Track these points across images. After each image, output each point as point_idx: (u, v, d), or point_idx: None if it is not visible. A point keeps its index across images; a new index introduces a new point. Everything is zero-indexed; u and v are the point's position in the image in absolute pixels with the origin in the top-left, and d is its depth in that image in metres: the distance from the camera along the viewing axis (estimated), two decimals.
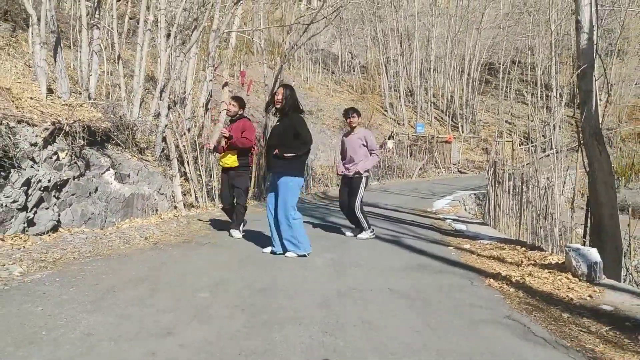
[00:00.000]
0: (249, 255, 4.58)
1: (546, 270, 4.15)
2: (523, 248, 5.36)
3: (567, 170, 12.23)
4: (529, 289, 3.69)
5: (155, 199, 7.63)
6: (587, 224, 5.95)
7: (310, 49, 28.70)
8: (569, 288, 3.70)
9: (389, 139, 23.27)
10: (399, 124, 27.64)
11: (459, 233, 6.59)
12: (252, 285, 3.55)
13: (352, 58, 33.15)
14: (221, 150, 5.59)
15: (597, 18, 5.43)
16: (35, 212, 5.41)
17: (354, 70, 32.47)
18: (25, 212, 5.21)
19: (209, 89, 10.49)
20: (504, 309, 3.20)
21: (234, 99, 5.60)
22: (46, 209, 5.57)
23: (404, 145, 23.29)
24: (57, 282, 3.33)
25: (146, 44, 9.61)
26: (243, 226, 5.64)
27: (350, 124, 5.85)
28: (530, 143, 25.76)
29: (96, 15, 8.74)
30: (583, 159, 5.58)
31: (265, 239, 5.18)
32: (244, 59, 23.35)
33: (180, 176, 8.14)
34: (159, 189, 7.77)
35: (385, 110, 28.81)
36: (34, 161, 5.46)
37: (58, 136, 5.94)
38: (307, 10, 27.99)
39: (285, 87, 4.57)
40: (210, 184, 8.55)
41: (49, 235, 5.19)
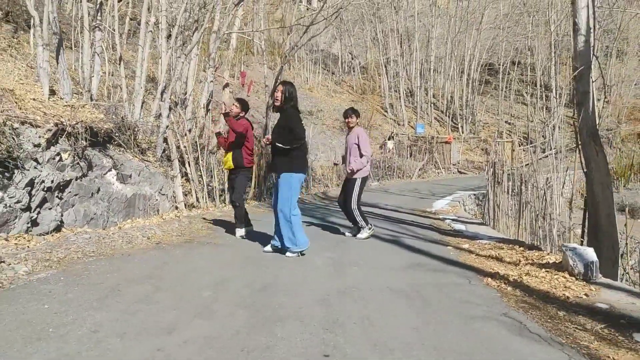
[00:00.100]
0: (250, 255, 4.64)
1: (543, 270, 4.20)
2: (521, 248, 5.41)
3: (567, 171, 12.28)
4: (526, 287, 3.75)
5: (156, 200, 7.68)
6: (585, 224, 6.00)
7: (310, 50, 28.75)
8: (566, 287, 3.76)
9: (389, 139, 23.33)
10: (399, 125, 27.70)
11: (458, 233, 6.65)
12: (253, 284, 3.61)
13: (352, 59, 33.20)
14: (222, 142, 5.69)
15: (595, 20, 5.48)
16: (39, 213, 5.47)
17: (354, 71, 32.52)
18: (28, 212, 5.27)
19: (209, 89, 10.56)
20: (501, 307, 3.26)
21: (238, 101, 5.61)
22: (49, 209, 5.63)
23: (404, 146, 23.35)
24: (62, 281, 3.39)
25: (147, 45, 9.68)
26: (246, 229, 5.56)
27: (347, 124, 5.92)
28: (530, 144, 25.79)
29: (98, 17, 8.80)
30: (581, 160, 5.64)
31: (266, 239, 5.24)
32: (244, 59, 23.40)
33: (182, 177, 8.20)
34: (161, 190, 7.83)
35: (385, 111, 28.87)
36: (38, 162, 5.52)
37: (61, 137, 6.00)
38: (307, 11, 28.09)
39: (285, 84, 4.54)
40: (211, 184, 8.61)
41: (52, 235, 5.25)
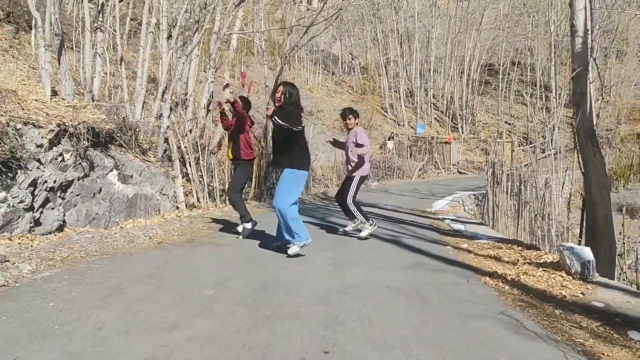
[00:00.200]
0: (251, 255, 4.68)
1: (541, 269, 4.25)
2: (519, 247, 5.45)
3: (566, 171, 12.31)
4: (524, 286, 3.80)
5: (157, 200, 7.73)
6: (583, 224, 6.05)
7: (310, 50, 28.81)
8: (563, 286, 3.81)
9: (389, 139, 23.39)
10: (399, 125, 27.76)
11: (458, 233, 6.70)
12: (254, 282, 3.65)
13: (352, 59, 33.26)
14: (225, 124, 5.85)
15: (592, 22, 5.53)
16: (42, 212, 5.52)
17: (354, 71, 32.58)
18: (31, 212, 5.32)
19: (210, 90, 10.60)
20: (498, 305, 3.31)
21: (240, 99, 5.66)
22: (52, 209, 5.68)
23: (403, 146, 23.41)
24: (66, 280, 3.44)
25: (148, 46, 9.73)
26: (246, 225, 5.51)
27: (347, 126, 5.97)
28: (530, 144, 25.86)
29: (99, 18, 8.85)
30: (579, 161, 5.68)
31: (266, 239, 5.28)
32: (244, 60, 23.45)
33: (182, 177, 8.25)
34: (162, 190, 7.88)
35: (385, 111, 28.92)
36: (40, 162, 5.57)
37: (63, 137, 6.04)
38: (308, 11, 28.13)
39: (285, 85, 4.47)
40: (212, 184, 8.66)
41: (55, 235, 5.31)
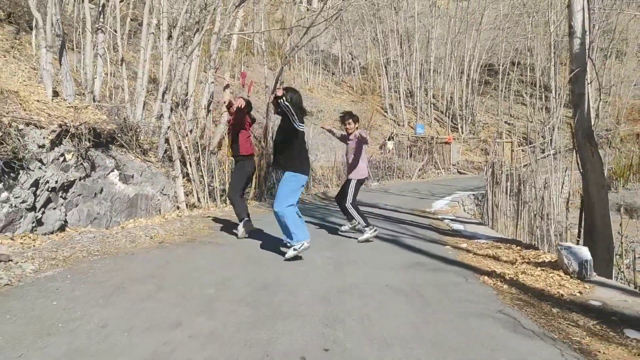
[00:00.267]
0: (251, 254, 4.72)
1: (539, 268, 4.29)
2: (518, 247, 5.48)
3: (566, 171, 12.35)
4: (522, 285, 3.83)
5: (158, 200, 7.77)
6: (581, 224, 6.08)
7: (310, 50, 28.85)
8: (560, 285, 3.84)
9: (389, 139, 23.43)
10: (398, 125, 27.79)
11: (457, 233, 6.73)
12: (255, 282, 3.69)
13: (352, 59, 33.30)
14: (232, 112, 6.01)
15: (590, 23, 5.57)
16: (43, 212, 5.55)
17: (354, 71, 32.62)
18: (33, 212, 5.36)
19: (210, 90, 10.64)
20: (496, 304, 3.34)
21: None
22: (54, 209, 5.72)
23: (403, 146, 23.45)
24: (69, 279, 3.48)
25: (149, 47, 9.76)
26: (245, 227, 5.54)
27: (347, 130, 5.99)
28: (529, 144, 25.89)
29: (100, 19, 8.88)
30: (577, 161, 5.72)
31: (266, 238, 5.32)
32: (244, 60, 23.49)
33: (183, 177, 8.29)
34: (162, 190, 7.92)
35: (385, 111, 28.97)
36: (42, 162, 5.60)
37: (64, 138, 6.08)
38: (308, 12, 28.17)
39: (288, 90, 4.41)
40: (212, 184, 8.70)
41: (57, 234, 5.35)
